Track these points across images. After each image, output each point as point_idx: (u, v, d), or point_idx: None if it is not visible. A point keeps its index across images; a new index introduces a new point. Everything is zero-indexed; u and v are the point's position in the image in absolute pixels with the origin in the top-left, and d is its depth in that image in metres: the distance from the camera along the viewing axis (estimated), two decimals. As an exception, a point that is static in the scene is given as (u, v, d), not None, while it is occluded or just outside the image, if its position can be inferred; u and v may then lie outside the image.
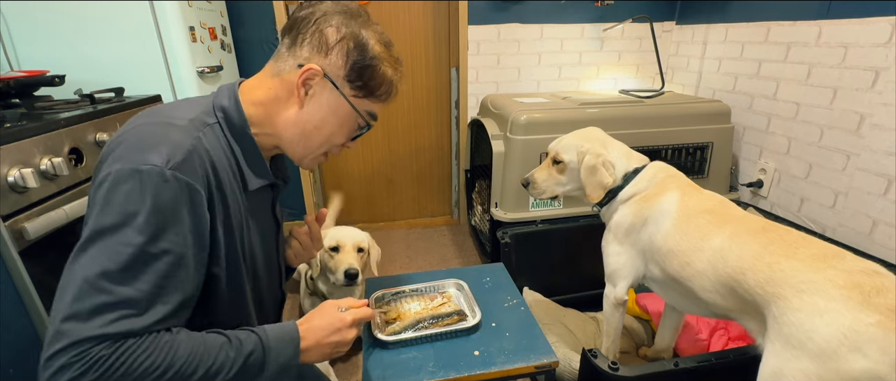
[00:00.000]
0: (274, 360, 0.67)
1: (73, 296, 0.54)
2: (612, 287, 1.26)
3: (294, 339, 0.71)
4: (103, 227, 0.56)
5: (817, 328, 0.79)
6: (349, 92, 0.73)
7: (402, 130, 2.77)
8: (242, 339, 0.66)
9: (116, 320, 0.54)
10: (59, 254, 1.13)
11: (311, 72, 0.70)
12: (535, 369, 0.90)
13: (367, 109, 0.77)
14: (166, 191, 0.58)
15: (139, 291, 0.56)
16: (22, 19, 1.54)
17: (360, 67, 0.72)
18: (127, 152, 0.59)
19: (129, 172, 0.57)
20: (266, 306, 0.86)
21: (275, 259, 0.89)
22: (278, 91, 0.73)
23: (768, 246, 0.94)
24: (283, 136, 0.75)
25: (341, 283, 1.27)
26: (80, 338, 0.52)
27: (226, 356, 0.63)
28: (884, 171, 1.56)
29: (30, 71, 1.47)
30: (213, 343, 0.63)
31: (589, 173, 1.25)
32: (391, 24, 2.51)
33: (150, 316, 0.57)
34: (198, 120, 0.67)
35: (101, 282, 0.54)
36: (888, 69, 1.53)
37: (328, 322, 0.75)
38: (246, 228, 0.73)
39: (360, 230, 1.43)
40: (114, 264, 0.55)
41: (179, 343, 0.59)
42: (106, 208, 0.57)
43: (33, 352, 1.05)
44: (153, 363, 0.56)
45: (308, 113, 0.73)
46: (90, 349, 0.52)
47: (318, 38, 0.70)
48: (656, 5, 2.54)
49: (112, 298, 0.54)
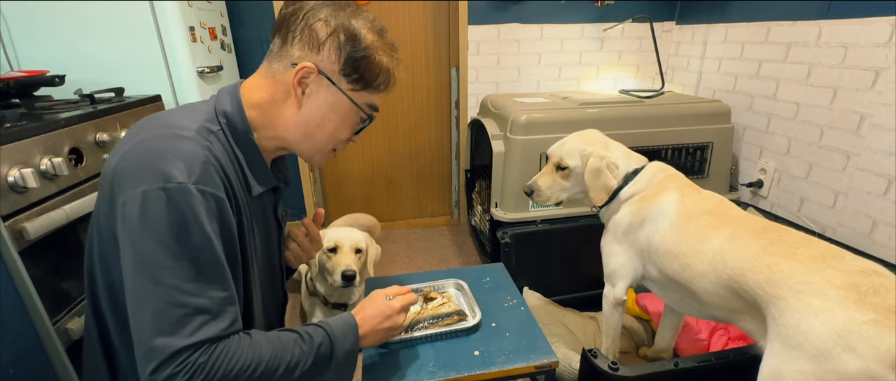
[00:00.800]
0: (340, 348, 0.73)
1: (152, 316, 0.57)
2: (611, 287, 1.26)
3: (353, 328, 0.76)
4: (153, 250, 0.58)
5: (813, 328, 0.79)
6: (346, 86, 0.72)
7: (402, 130, 2.77)
8: (311, 333, 0.71)
9: (200, 328, 0.58)
10: (59, 254, 1.13)
11: (306, 70, 0.69)
12: (535, 369, 0.90)
13: (366, 102, 0.75)
14: (198, 205, 0.59)
15: (209, 299, 0.60)
16: (22, 19, 1.54)
17: (354, 60, 0.70)
18: (144, 171, 0.59)
19: (157, 193, 0.58)
20: (269, 306, 0.87)
21: (277, 261, 0.90)
22: (275, 93, 0.72)
23: (768, 247, 0.94)
24: (287, 138, 0.75)
25: (339, 285, 1.27)
26: (176, 349, 0.56)
27: (300, 351, 0.68)
28: (884, 171, 1.56)
29: (30, 71, 1.47)
30: (288, 340, 0.68)
31: (593, 176, 1.25)
32: (391, 24, 2.51)
33: (225, 320, 0.61)
34: (203, 128, 0.67)
35: (173, 297, 0.57)
36: (888, 69, 1.53)
37: (379, 311, 0.81)
38: (250, 231, 0.74)
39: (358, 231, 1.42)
40: (177, 280, 0.58)
41: (260, 343, 0.64)
42: (146, 231, 0.58)
43: (34, 352, 1.05)
44: (245, 362, 0.61)
45: (308, 113, 0.72)
46: (189, 358, 0.57)
47: (309, 35, 0.69)
48: (656, 5, 2.54)
49: (188, 310, 0.58)
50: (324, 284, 1.39)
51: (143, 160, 0.60)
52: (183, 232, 0.58)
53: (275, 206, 0.85)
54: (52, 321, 1.07)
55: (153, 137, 0.63)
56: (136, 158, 0.61)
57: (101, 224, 0.66)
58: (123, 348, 0.72)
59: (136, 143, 0.63)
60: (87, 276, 0.71)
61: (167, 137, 0.63)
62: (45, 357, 1.07)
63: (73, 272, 1.17)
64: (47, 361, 1.08)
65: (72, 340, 1.12)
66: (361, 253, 1.37)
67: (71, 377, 1.11)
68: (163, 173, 0.58)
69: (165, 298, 0.57)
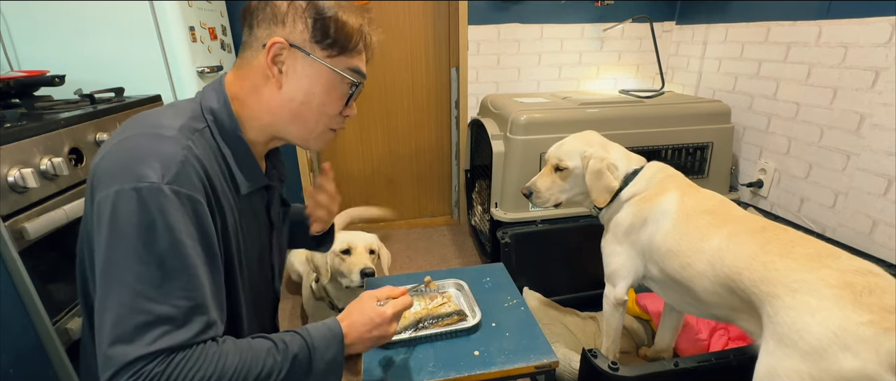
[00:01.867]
0: (320, 359, 0.68)
1: (112, 322, 0.55)
2: (611, 287, 1.26)
3: (337, 336, 0.72)
4: (120, 252, 0.56)
5: (809, 327, 0.79)
6: (322, 54, 0.69)
7: (402, 130, 2.77)
8: (288, 341, 0.67)
9: (160, 337, 0.55)
10: (59, 254, 1.13)
11: (277, 47, 0.67)
12: (535, 369, 0.90)
13: (347, 66, 0.72)
14: (169, 207, 0.57)
15: (174, 306, 0.57)
16: (22, 19, 1.54)
17: (321, 24, 0.68)
18: (120, 170, 0.58)
19: (129, 193, 0.56)
20: (261, 307, 0.85)
21: (268, 260, 0.87)
22: (254, 79, 0.70)
23: (765, 246, 0.94)
24: (274, 123, 0.72)
25: (357, 284, 1.27)
26: (131, 359, 0.53)
27: (273, 361, 0.64)
28: (884, 171, 1.56)
29: (30, 71, 1.47)
30: (260, 349, 0.64)
31: (595, 178, 1.24)
32: (391, 24, 2.51)
33: (191, 329, 0.58)
34: (187, 127, 0.65)
35: (136, 303, 0.55)
36: (888, 69, 1.53)
37: (368, 318, 0.76)
38: (240, 231, 0.72)
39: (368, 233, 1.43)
40: (141, 285, 0.55)
41: (227, 353, 0.60)
42: (115, 232, 0.56)
43: (34, 352, 1.05)
44: (205, 374, 0.57)
45: (289, 91, 0.70)
46: (144, 368, 0.54)
47: (270, 11, 0.68)
48: (656, 5, 2.54)
49: (150, 317, 0.55)
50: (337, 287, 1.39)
51: (120, 160, 0.59)
52: (151, 235, 0.56)
53: (268, 205, 0.83)
54: (52, 321, 1.07)
55: (134, 136, 0.62)
56: (114, 159, 0.59)
57: (88, 221, 0.64)
58: None
59: (117, 142, 0.62)
60: (79, 277, 0.70)
61: (148, 137, 0.61)
62: (45, 357, 1.07)
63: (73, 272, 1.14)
64: (47, 361, 1.08)
65: (72, 340, 1.12)
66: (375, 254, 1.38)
67: (71, 377, 1.11)
68: (137, 173, 0.57)
69: (128, 303, 0.55)
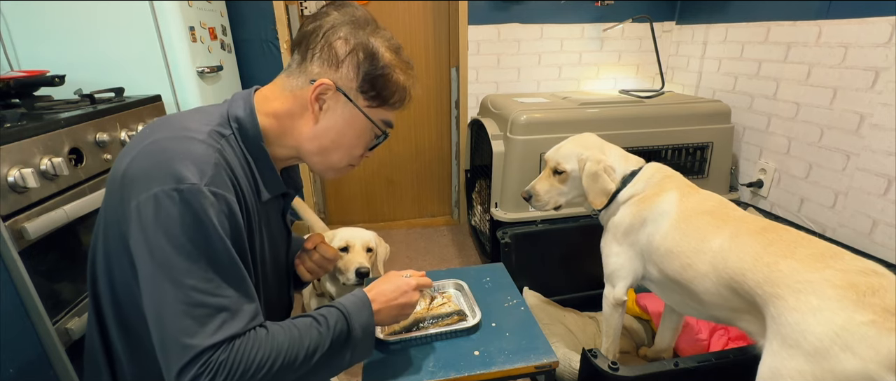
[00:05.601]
0: (357, 323, 0.73)
1: (173, 317, 0.58)
2: (611, 288, 1.26)
3: (366, 302, 0.76)
4: (169, 251, 0.58)
5: (812, 328, 0.79)
6: (363, 103, 0.74)
7: (402, 130, 2.78)
8: (325, 314, 0.71)
9: (220, 327, 0.59)
10: (59, 254, 1.13)
11: (324, 87, 0.70)
12: (535, 369, 0.89)
13: (381, 118, 0.77)
14: (210, 207, 0.60)
15: (227, 298, 0.60)
16: (22, 19, 1.54)
17: (372, 78, 0.72)
18: (157, 172, 0.59)
19: (170, 194, 0.58)
20: (275, 311, 0.87)
21: (284, 265, 0.90)
22: (292, 106, 0.73)
23: (768, 247, 0.94)
24: (301, 150, 0.76)
25: (352, 282, 1.28)
26: (199, 350, 0.57)
27: (318, 333, 0.68)
28: (884, 171, 1.56)
29: (30, 71, 1.47)
30: (303, 325, 0.68)
31: (592, 180, 1.25)
32: (391, 24, 2.51)
33: (243, 317, 0.62)
34: (215, 132, 0.67)
35: (192, 297, 0.58)
36: (888, 69, 1.53)
37: (394, 285, 0.81)
38: (260, 235, 0.74)
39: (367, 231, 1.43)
40: (194, 281, 0.58)
41: (275, 333, 0.64)
42: (162, 232, 0.58)
43: (34, 352, 1.05)
44: (265, 355, 0.61)
45: (324, 128, 0.74)
46: (211, 358, 0.57)
47: (328, 52, 0.70)
48: (656, 5, 2.54)
49: (208, 310, 0.59)
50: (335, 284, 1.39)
51: (154, 162, 0.60)
52: (198, 233, 0.59)
53: (283, 211, 0.85)
54: (52, 321, 1.07)
55: (164, 139, 0.63)
56: (147, 161, 0.61)
57: (109, 224, 0.66)
58: (124, 348, 0.72)
59: (148, 145, 0.63)
60: (90, 276, 0.71)
61: (178, 139, 0.63)
62: (45, 357, 1.07)
63: (73, 272, 1.17)
64: (47, 361, 1.08)
65: (72, 340, 1.12)
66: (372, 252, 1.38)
67: (71, 377, 1.11)
68: (175, 175, 0.59)
69: (185, 299, 0.58)
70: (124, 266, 0.65)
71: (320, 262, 0.96)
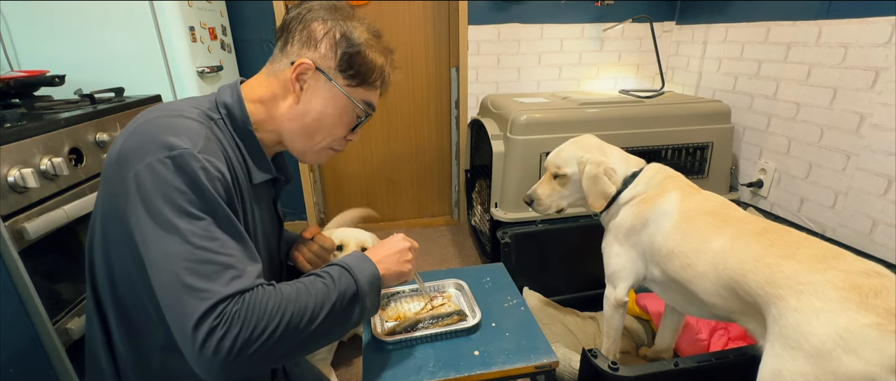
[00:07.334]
0: (360, 275, 0.74)
1: (182, 275, 0.58)
2: (612, 289, 1.26)
3: (364, 256, 0.78)
4: (171, 213, 0.59)
5: (814, 329, 0.79)
6: (342, 82, 0.76)
7: (402, 130, 2.77)
8: (327, 270, 0.73)
9: (231, 280, 0.60)
10: (59, 254, 1.13)
11: (303, 66, 0.73)
12: (535, 369, 0.89)
13: (362, 98, 0.79)
14: (202, 171, 0.61)
15: (232, 256, 0.61)
16: (22, 19, 1.54)
17: (349, 56, 0.74)
18: (150, 145, 0.61)
19: (162, 161, 0.60)
20: None
21: (277, 254, 0.90)
22: (275, 89, 0.75)
23: (769, 248, 0.94)
24: (283, 131, 0.77)
25: None
26: (213, 302, 0.57)
27: (324, 286, 0.69)
28: (884, 171, 1.56)
29: (30, 71, 1.47)
30: (308, 280, 0.69)
31: (591, 183, 1.24)
32: (391, 24, 2.51)
33: (251, 273, 0.62)
34: (204, 114, 0.70)
35: (199, 254, 0.59)
36: (888, 69, 1.53)
37: (389, 242, 0.85)
38: (252, 217, 0.75)
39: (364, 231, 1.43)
40: (199, 239, 0.59)
41: (281, 289, 0.65)
42: (160, 198, 0.59)
43: (34, 352, 1.05)
44: (275, 306, 0.61)
45: (305, 106, 0.75)
46: (225, 309, 0.58)
47: (307, 34, 0.74)
48: (656, 5, 2.54)
49: (217, 266, 0.59)
50: None
51: (148, 136, 0.62)
52: (196, 193, 0.60)
53: (275, 199, 0.87)
54: (52, 321, 1.07)
55: (155, 118, 0.65)
56: (141, 137, 0.62)
57: (107, 212, 0.66)
58: (126, 344, 0.72)
59: (140, 124, 0.65)
60: (87, 267, 0.72)
61: (170, 117, 0.66)
62: (45, 357, 1.07)
63: (73, 272, 1.17)
64: (47, 361, 1.08)
65: (72, 340, 1.12)
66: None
67: (71, 377, 1.11)
68: (167, 144, 0.60)
69: (192, 256, 0.58)
70: (123, 252, 0.66)
71: (319, 252, 0.97)
